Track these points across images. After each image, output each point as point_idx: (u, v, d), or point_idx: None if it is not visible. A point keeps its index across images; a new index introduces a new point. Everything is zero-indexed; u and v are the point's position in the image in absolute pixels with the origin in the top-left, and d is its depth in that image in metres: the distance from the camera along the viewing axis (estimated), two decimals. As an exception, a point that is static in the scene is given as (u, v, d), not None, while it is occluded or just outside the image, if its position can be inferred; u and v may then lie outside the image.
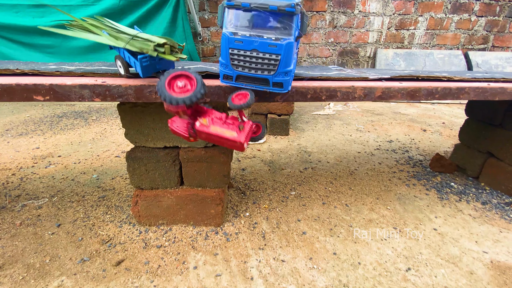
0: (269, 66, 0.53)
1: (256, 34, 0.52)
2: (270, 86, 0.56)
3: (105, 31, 0.64)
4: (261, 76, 0.54)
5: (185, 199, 0.82)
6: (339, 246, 0.79)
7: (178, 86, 0.50)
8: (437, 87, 0.74)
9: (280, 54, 0.52)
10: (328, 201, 1.01)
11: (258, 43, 0.52)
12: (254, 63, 0.53)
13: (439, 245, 0.81)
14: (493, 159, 1.13)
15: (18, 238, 0.80)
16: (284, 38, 0.51)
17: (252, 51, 0.52)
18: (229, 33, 0.51)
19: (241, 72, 0.54)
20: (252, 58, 0.53)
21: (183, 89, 0.50)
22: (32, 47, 2.49)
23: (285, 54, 0.52)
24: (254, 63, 0.53)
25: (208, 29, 2.67)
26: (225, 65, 0.54)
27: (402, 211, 0.96)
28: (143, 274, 0.69)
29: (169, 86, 0.50)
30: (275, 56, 0.52)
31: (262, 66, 0.53)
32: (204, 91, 0.50)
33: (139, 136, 0.77)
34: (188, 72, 0.51)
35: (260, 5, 0.49)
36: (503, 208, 1.00)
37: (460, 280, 0.69)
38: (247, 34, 0.51)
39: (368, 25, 2.75)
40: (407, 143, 1.64)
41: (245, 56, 0.53)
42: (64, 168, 1.24)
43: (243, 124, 0.55)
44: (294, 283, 0.67)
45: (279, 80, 0.55)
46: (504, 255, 0.78)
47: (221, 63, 0.55)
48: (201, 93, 0.50)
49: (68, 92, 0.57)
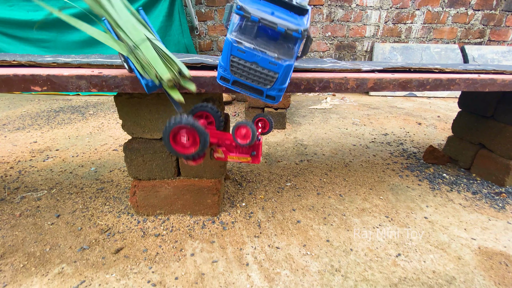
0: (266, 81, 0.55)
1: (259, 48, 0.53)
2: (263, 97, 0.58)
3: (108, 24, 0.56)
4: (257, 86, 0.56)
5: (182, 189, 0.84)
6: (332, 234, 0.81)
7: (182, 140, 0.53)
8: (428, 78, 0.76)
9: (278, 73, 0.54)
10: (322, 192, 1.03)
11: (260, 58, 0.53)
12: (252, 74, 0.55)
13: (429, 233, 0.83)
14: (484, 150, 1.15)
15: (18, 228, 0.82)
16: (285, 59, 0.53)
17: (252, 63, 0.53)
18: (233, 40, 0.52)
19: (238, 79, 0.56)
20: (251, 69, 0.54)
21: (188, 143, 0.53)
22: (27, 42, 2.47)
23: (283, 74, 0.54)
24: (252, 74, 0.55)
25: (205, 23, 2.65)
26: (224, 68, 0.56)
27: (395, 201, 0.99)
28: (142, 261, 0.71)
29: (174, 140, 0.53)
30: (273, 74, 0.54)
31: (259, 78, 0.55)
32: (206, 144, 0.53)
33: (136, 127, 0.78)
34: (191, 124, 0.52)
35: (269, 22, 0.50)
36: (493, 198, 1.03)
37: (448, 265, 0.72)
38: (251, 46, 0.52)
39: (366, 19, 2.75)
40: (402, 136, 1.66)
41: (244, 66, 0.54)
42: (62, 162, 1.25)
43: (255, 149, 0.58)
44: (288, 268, 0.69)
45: (272, 94, 0.57)
46: (491, 241, 0.81)
47: (220, 65, 0.56)
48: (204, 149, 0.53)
49: (65, 83, 0.58)
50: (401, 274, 0.68)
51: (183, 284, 0.64)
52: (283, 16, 0.51)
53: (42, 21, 2.37)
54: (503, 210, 0.96)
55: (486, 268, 0.72)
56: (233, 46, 0.52)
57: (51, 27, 2.41)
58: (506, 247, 0.79)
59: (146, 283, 0.64)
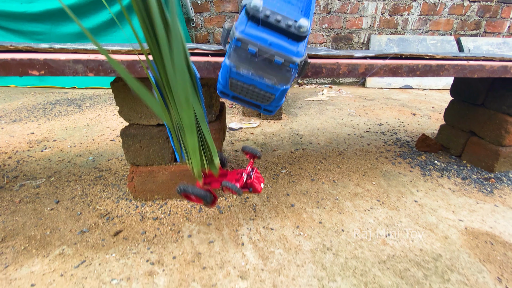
0: (264, 99, 0.58)
1: (257, 74, 0.55)
2: (261, 110, 0.62)
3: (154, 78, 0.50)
4: (255, 102, 0.60)
5: (179, 175, 0.86)
6: (325, 216, 0.84)
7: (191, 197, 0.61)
8: (418, 64, 0.78)
9: (275, 94, 0.57)
10: (316, 178, 1.06)
11: (258, 82, 0.55)
12: (250, 93, 0.58)
13: (418, 215, 0.86)
14: (475, 137, 1.18)
15: (18, 214, 0.84)
16: (282, 84, 0.55)
17: (250, 85, 0.56)
18: (231, 65, 0.54)
19: (237, 95, 0.59)
20: (249, 90, 0.57)
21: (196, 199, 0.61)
22: (21, 34, 2.44)
23: (280, 95, 0.57)
24: (250, 93, 0.58)
25: (201, 15, 2.64)
26: (223, 85, 0.58)
27: (386, 186, 1.02)
28: (140, 242, 0.73)
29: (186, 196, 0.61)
30: (270, 95, 0.57)
31: (258, 97, 0.58)
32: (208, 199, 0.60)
33: (132, 113, 0.79)
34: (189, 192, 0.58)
35: (266, 55, 0.51)
36: (482, 183, 1.06)
37: (435, 244, 0.75)
38: (248, 73, 0.54)
39: (362, 10, 2.74)
40: (396, 126, 1.68)
41: (243, 87, 0.57)
42: (60, 152, 1.26)
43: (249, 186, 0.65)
44: (281, 247, 0.72)
45: (270, 108, 0.61)
46: (478, 222, 0.84)
47: (220, 81, 0.58)
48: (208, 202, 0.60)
49: (62, 67, 0.59)
50: (390, 252, 0.71)
51: (181, 263, 0.67)
52: (281, 44, 0.52)
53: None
54: (491, 194, 0.99)
55: (471, 247, 0.75)
56: (232, 71, 0.54)
57: (45, 19, 2.39)
58: (492, 228, 0.82)
59: (145, 262, 0.67)
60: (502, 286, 0.64)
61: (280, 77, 0.55)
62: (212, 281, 0.62)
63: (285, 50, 0.51)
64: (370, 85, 2.87)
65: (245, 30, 0.51)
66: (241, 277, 0.63)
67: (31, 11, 2.34)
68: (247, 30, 0.51)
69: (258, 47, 0.51)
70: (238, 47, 0.51)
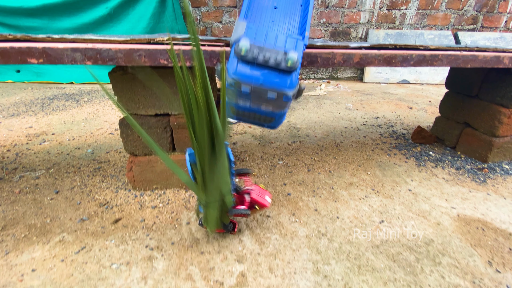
0: (265, 120, 0.63)
1: (254, 105, 0.58)
2: (265, 126, 0.67)
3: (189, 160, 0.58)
4: (258, 122, 0.65)
5: (178, 164, 0.87)
6: (320, 204, 0.86)
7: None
8: (412, 54, 0.79)
9: (274, 118, 0.61)
10: (313, 169, 1.07)
11: (256, 110, 0.59)
12: (252, 117, 0.63)
13: (411, 203, 0.88)
14: (469, 128, 1.20)
15: (18, 204, 0.85)
16: (280, 110, 0.59)
17: (250, 112, 0.61)
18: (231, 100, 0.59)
19: (241, 117, 0.65)
20: (250, 114, 0.62)
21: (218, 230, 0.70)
22: (18, 29, 2.43)
23: (279, 118, 0.61)
24: (252, 117, 0.63)
25: (199, 9, 2.63)
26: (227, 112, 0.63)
27: (381, 176, 1.03)
28: (140, 229, 0.74)
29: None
30: (271, 118, 0.62)
31: (259, 119, 0.63)
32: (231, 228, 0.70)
33: (130, 103, 0.80)
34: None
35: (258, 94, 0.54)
36: (475, 173, 1.08)
37: (428, 230, 0.77)
38: (246, 105, 0.58)
39: (360, 4, 2.74)
40: (392, 119, 1.70)
41: (244, 114, 0.62)
42: (59, 145, 1.27)
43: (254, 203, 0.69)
44: (277, 233, 0.73)
45: (273, 125, 0.66)
46: (470, 210, 0.86)
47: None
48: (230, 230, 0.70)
49: (60, 55, 0.60)
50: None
51: (179, 248, 0.68)
52: (272, 81, 0.53)
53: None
54: (484, 183, 1.01)
55: (463, 232, 0.77)
56: (232, 103, 0.59)
57: (42, 13, 2.38)
58: (483, 215, 0.84)
59: (144, 248, 0.68)
60: (493, 269, 0.65)
61: (277, 106, 0.57)
62: (210, 265, 0.64)
63: (277, 86, 0.53)
64: (368, 80, 2.88)
65: (236, 70, 0.52)
66: (238, 261, 0.65)
67: (27, 6, 2.32)
68: (239, 69, 0.53)
69: (251, 87, 0.53)
70: (231, 88, 0.54)
